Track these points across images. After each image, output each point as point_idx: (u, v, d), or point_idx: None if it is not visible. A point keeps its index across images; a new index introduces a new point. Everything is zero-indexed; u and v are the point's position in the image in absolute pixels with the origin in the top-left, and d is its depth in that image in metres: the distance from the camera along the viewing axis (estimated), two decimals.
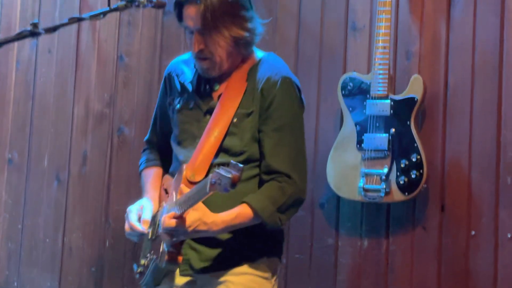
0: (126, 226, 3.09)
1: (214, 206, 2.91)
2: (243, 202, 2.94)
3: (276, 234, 3.14)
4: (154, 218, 3.12)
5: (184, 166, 3.04)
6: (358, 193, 3.85)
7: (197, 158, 3.05)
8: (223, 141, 3.06)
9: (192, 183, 2.99)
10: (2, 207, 4.75)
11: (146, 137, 3.43)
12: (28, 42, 4.68)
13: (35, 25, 2.74)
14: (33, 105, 4.74)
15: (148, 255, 3.12)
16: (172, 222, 2.84)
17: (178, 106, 3.21)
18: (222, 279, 3.06)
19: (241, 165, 2.62)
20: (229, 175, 2.60)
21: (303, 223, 4.09)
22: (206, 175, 2.95)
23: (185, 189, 2.93)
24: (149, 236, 3.12)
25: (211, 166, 3.03)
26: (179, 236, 2.89)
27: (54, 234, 4.62)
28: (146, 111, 4.47)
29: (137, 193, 3.35)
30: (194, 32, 3.03)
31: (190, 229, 2.85)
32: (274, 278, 3.16)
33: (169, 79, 3.30)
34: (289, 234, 4.10)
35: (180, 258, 2.98)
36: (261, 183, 3.08)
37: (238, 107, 3.07)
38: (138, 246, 3.26)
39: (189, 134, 3.15)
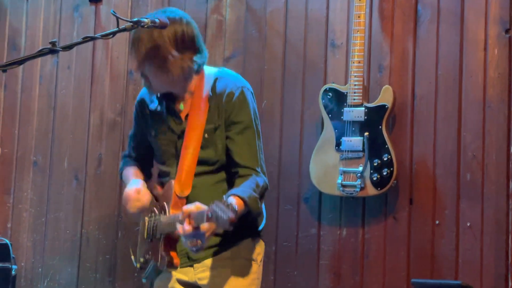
0: (128, 203, 3.11)
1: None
2: (232, 194, 2.90)
3: (256, 219, 3.14)
4: (149, 222, 3.15)
5: (173, 183, 3.08)
6: (337, 188, 3.85)
7: (181, 175, 3.08)
8: (199, 155, 3.09)
9: (181, 198, 3.06)
10: (28, 203, 4.69)
11: (125, 152, 3.45)
12: (50, 59, 4.66)
13: (53, 43, 2.66)
14: (55, 114, 4.71)
15: (147, 255, 3.14)
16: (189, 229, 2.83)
17: (153, 132, 3.22)
18: (213, 264, 3.09)
19: (236, 207, 2.69)
20: (226, 217, 2.65)
21: (290, 216, 4.10)
22: (192, 188, 3.06)
23: (178, 206, 3.01)
24: (145, 237, 3.15)
25: (194, 177, 3.10)
26: (202, 239, 2.88)
27: (74, 227, 4.60)
28: None
29: None
30: (140, 66, 3.08)
31: (207, 233, 2.85)
32: (260, 258, 3.18)
33: (141, 109, 3.29)
34: (277, 225, 4.11)
35: (177, 263, 3.07)
36: (229, 182, 3.12)
37: (205, 124, 3.09)
38: (134, 242, 3.30)
39: (170, 154, 3.18)
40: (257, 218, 3.14)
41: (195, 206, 2.84)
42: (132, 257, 3.27)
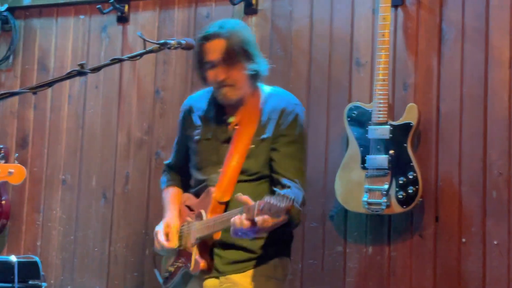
0: (156, 244, 3.16)
1: None
2: None
3: (285, 236, 3.14)
4: (180, 231, 3.16)
5: (212, 189, 3.07)
6: (363, 206, 3.83)
7: (223, 181, 3.08)
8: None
9: (221, 203, 3.06)
10: (57, 221, 4.71)
11: (168, 161, 3.46)
12: (78, 79, 4.67)
13: (82, 65, 2.73)
14: (83, 133, 4.74)
15: (176, 263, 3.15)
16: (247, 224, 2.79)
17: (197, 137, 3.23)
18: (240, 280, 3.07)
19: (293, 197, 2.64)
20: (282, 205, 2.61)
21: (315, 233, 4.09)
22: (232, 195, 3.02)
23: (216, 211, 3.01)
24: (176, 247, 3.15)
25: (235, 186, 3.08)
26: (243, 235, 2.85)
27: (102, 244, 4.61)
28: None
29: None
30: (216, 65, 3.07)
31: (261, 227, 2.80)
32: (285, 278, 3.18)
33: (188, 114, 3.31)
34: (303, 242, 4.10)
35: (212, 266, 3.05)
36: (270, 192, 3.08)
37: (253, 135, 3.10)
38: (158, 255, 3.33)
39: (210, 162, 3.18)
40: (290, 237, 3.17)
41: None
42: (155, 270, 3.31)
